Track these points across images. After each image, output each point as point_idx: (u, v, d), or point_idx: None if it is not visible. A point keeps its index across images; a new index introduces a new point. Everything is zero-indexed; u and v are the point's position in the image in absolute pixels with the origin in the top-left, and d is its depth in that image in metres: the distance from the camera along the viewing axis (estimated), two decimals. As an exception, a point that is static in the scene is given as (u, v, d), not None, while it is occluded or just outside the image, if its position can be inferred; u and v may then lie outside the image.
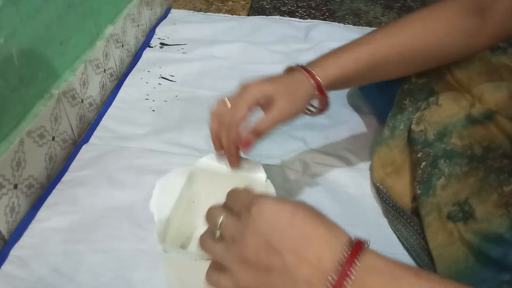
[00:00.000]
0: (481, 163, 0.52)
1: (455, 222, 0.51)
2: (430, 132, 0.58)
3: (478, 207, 0.50)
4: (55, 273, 0.53)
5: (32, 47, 0.63)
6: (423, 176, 0.56)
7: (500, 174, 0.50)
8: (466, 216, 0.50)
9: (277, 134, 0.77)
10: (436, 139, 0.57)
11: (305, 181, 0.68)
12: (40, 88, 0.66)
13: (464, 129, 0.55)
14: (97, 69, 0.82)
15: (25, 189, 0.61)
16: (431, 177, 0.55)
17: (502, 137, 0.53)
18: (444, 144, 0.56)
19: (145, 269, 0.55)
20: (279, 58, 0.99)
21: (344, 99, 0.87)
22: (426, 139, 0.58)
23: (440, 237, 0.52)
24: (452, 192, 0.53)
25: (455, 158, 0.54)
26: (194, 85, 0.90)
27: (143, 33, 1.05)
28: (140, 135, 0.75)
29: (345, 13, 1.27)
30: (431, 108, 0.59)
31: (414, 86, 0.63)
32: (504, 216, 0.47)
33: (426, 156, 0.57)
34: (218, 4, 1.26)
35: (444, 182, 0.54)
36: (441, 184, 0.54)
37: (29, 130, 0.61)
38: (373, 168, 0.66)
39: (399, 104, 0.65)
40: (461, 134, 0.55)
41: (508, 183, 0.48)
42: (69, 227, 0.59)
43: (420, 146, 0.58)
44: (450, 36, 0.55)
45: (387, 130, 0.65)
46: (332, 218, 0.66)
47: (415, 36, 0.55)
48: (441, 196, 0.54)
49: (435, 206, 0.54)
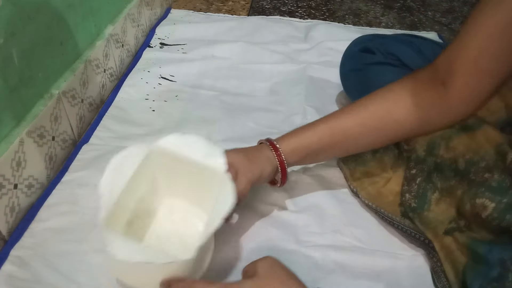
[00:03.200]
0: (464, 176, 0.54)
1: (452, 234, 0.53)
2: (420, 148, 0.58)
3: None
4: (55, 273, 0.53)
5: (32, 47, 0.63)
6: (419, 192, 0.57)
7: (479, 187, 0.51)
8: (462, 230, 0.53)
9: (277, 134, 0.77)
10: (426, 154, 0.57)
11: (305, 181, 0.68)
12: (40, 88, 0.66)
13: (450, 140, 0.56)
14: (97, 69, 0.82)
15: (25, 189, 0.61)
16: (426, 191, 0.56)
17: (487, 147, 0.53)
18: (434, 157, 0.57)
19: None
20: (279, 58, 0.99)
21: (344, 99, 0.87)
22: (417, 156, 0.58)
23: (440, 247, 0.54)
24: (445, 207, 0.55)
25: (445, 172, 0.56)
26: (194, 85, 0.90)
27: (143, 33, 1.05)
28: (140, 135, 0.75)
29: (345, 13, 1.27)
30: None
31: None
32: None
33: (420, 172, 0.58)
34: (218, 4, 1.26)
35: (438, 196, 0.56)
36: (435, 198, 0.56)
37: (29, 130, 0.61)
38: (354, 186, 0.65)
39: None
40: (447, 146, 0.56)
41: (482, 196, 0.50)
42: (69, 227, 0.59)
43: (413, 164, 0.59)
44: (411, 109, 0.55)
45: (368, 152, 0.65)
46: (332, 218, 0.66)
47: (376, 112, 0.56)
48: (436, 212, 0.55)
49: (431, 220, 0.55)
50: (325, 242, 0.59)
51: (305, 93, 0.88)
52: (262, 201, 0.64)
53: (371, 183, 0.64)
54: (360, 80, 0.73)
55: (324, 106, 0.86)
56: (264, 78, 0.93)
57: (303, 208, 0.64)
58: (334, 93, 0.90)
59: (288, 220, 0.62)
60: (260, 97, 0.87)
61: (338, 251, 0.58)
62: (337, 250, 0.58)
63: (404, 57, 0.70)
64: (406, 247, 0.59)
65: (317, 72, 0.95)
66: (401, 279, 0.56)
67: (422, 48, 0.70)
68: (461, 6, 1.36)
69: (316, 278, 0.55)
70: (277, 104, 0.86)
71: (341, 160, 0.69)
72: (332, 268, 0.56)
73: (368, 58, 0.72)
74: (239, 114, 0.82)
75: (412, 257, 0.58)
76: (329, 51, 1.01)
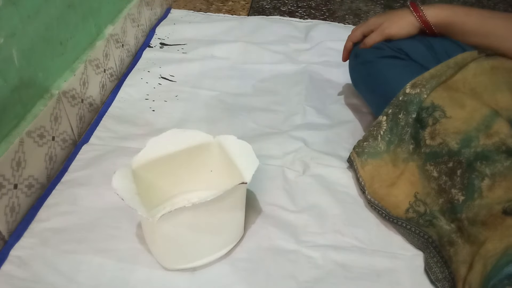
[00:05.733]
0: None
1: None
2: (452, 142, 0.58)
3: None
4: (55, 273, 0.54)
5: (32, 47, 0.63)
6: (464, 182, 0.56)
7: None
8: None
9: (277, 134, 0.77)
10: (461, 147, 0.57)
11: (305, 181, 0.68)
12: (40, 88, 0.66)
13: (487, 128, 0.56)
14: (97, 69, 0.82)
15: (25, 189, 0.61)
16: (473, 180, 0.55)
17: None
18: (473, 148, 0.56)
19: (145, 269, 0.55)
20: (279, 58, 0.99)
21: (344, 99, 0.87)
22: (450, 150, 0.58)
23: (498, 233, 0.51)
24: (502, 191, 0.53)
25: (491, 157, 0.55)
26: (194, 85, 0.90)
27: (143, 33, 1.05)
28: (140, 135, 0.75)
29: (345, 13, 1.27)
30: (441, 122, 0.60)
31: (408, 97, 0.64)
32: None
33: (458, 164, 0.57)
34: (218, 4, 1.26)
35: (489, 182, 0.54)
36: (486, 185, 0.54)
37: (29, 130, 0.61)
38: (363, 178, 0.66)
39: (395, 118, 0.65)
40: (487, 134, 0.56)
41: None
42: (69, 227, 0.59)
43: (447, 157, 0.58)
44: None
45: (382, 144, 0.66)
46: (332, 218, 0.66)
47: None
48: (491, 197, 0.54)
49: (484, 207, 0.54)
50: (325, 242, 0.59)
51: (305, 93, 0.88)
52: (262, 201, 0.65)
53: (380, 181, 0.64)
54: (369, 72, 0.73)
55: (324, 106, 0.86)
56: (264, 78, 0.93)
57: (303, 208, 0.64)
58: (334, 93, 0.90)
59: (288, 220, 0.62)
60: (260, 97, 0.87)
61: (338, 251, 0.58)
62: (337, 250, 0.58)
63: (412, 52, 0.70)
64: (406, 247, 0.59)
65: (317, 72, 0.95)
66: (401, 279, 0.56)
67: (434, 45, 0.70)
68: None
69: (316, 278, 0.55)
70: (277, 104, 0.86)
71: (354, 150, 0.69)
72: (332, 268, 0.56)
73: (377, 52, 0.73)
74: (239, 114, 0.82)
75: (412, 257, 0.58)
76: (329, 51, 1.01)
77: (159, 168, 0.58)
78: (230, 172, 0.55)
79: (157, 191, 0.60)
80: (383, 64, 0.71)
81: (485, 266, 0.49)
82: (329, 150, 0.74)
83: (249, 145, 0.57)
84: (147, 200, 0.55)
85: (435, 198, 0.59)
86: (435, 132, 0.60)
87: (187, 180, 0.62)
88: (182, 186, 0.62)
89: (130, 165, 0.55)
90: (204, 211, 0.50)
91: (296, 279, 0.55)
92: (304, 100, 0.86)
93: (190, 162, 0.60)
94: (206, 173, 0.62)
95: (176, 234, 0.52)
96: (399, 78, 0.67)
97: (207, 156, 0.60)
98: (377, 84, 0.71)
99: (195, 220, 0.51)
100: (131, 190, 0.50)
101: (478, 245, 0.52)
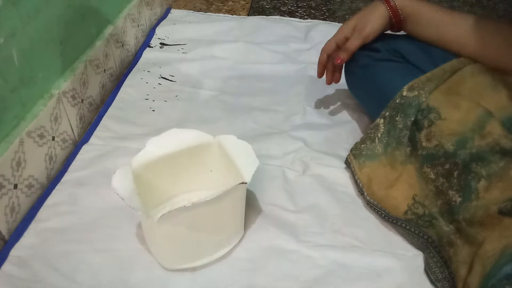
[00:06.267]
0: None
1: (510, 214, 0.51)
2: (448, 143, 0.58)
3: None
4: (55, 273, 0.54)
5: (32, 47, 0.63)
6: (460, 184, 0.56)
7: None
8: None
9: (277, 134, 0.77)
10: (457, 148, 0.57)
11: (305, 181, 0.68)
12: (40, 88, 0.66)
13: (481, 129, 0.56)
14: (97, 69, 0.82)
15: (25, 189, 0.61)
16: (469, 182, 0.55)
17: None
18: (469, 150, 0.56)
19: (145, 269, 0.55)
20: (279, 58, 0.99)
21: (344, 99, 0.87)
22: (446, 151, 0.58)
23: (496, 233, 0.51)
24: (499, 192, 0.53)
25: (486, 158, 0.55)
26: (194, 85, 0.90)
27: (143, 33, 1.05)
28: (140, 135, 0.75)
29: (345, 13, 1.27)
30: (436, 124, 0.60)
31: (405, 100, 0.64)
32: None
33: (455, 165, 0.57)
34: (218, 4, 1.26)
35: (485, 183, 0.54)
36: (483, 186, 0.54)
37: (29, 130, 0.61)
38: (361, 180, 0.66)
39: (392, 121, 0.65)
40: (481, 134, 0.56)
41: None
42: (69, 227, 0.59)
43: (443, 159, 0.58)
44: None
45: (380, 146, 0.66)
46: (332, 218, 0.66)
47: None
48: (487, 198, 0.54)
49: (481, 208, 0.54)
50: (325, 242, 0.59)
51: (305, 93, 0.88)
52: (262, 201, 0.65)
53: (378, 183, 0.64)
54: (365, 76, 0.73)
55: (324, 106, 0.86)
56: (264, 78, 0.93)
57: (303, 208, 0.64)
58: (334, 93, 0.90)
59: (288, 220, 0.62)
60: (260, 97, 0.87)
61: (338, 251, 0.58)
62: (337, 250, 0.58)
63: (409, 54, 0.70)
64: (406, 247, 0.59)
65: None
66: (401, 279, 0.56)
67: (432, 49, 0.69)
68: (461, 6, 1.36)
69: (316, 278, 0.55)
70: (277, 104, 0.86)
71: (351, 153, 0.69)
72: (332, 268, 0.56)
73: (372, 56, 0.72)
74: (239, 114, 0.82)
75: (412, 257, 0.58)
76: (329, 51, 1.01)
77: (159, 168, 0.58)
78: (230, 172, 0.55)
79: (157, 191, 0.60)
80: (379, 67, 0.71)
81: (484, 267, 0.49)
82: (329, 150, 0.74)
83: (249, 145, 0.57)
84: (147, 200, 0.55)
85: (433, 200, 0.59)
86: (430, 134, 0.60)
87: (187, 180, 0.61)
88: (182, 186, 0.62)
89: (130, 165, 0.55)
90: (204, 211, 0.50)
91: (296, 279, 0.55)
92: (304, 100, 0.86)
93: (190, 162, 0.60)
94: (206, 173, 0.62)
95: (176, 234, 0.52)
96: (395, 80, 0.66)
97: (207, 156, 0.60)
98: (374, 88, 0.71)
99: (195, 220, 0.51)
100: (131, 190, 0.50)
101: (477, 246, 0.52)
